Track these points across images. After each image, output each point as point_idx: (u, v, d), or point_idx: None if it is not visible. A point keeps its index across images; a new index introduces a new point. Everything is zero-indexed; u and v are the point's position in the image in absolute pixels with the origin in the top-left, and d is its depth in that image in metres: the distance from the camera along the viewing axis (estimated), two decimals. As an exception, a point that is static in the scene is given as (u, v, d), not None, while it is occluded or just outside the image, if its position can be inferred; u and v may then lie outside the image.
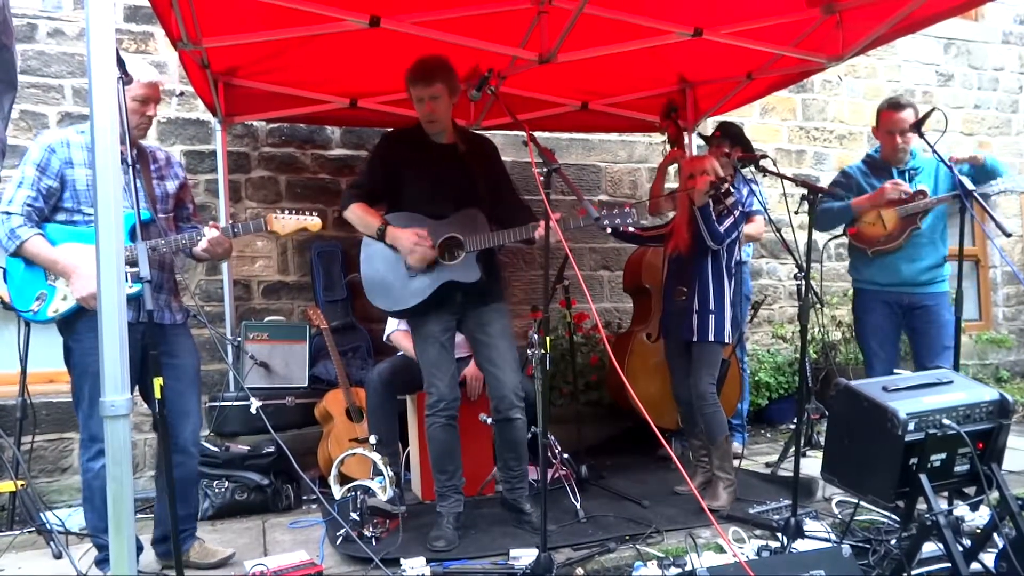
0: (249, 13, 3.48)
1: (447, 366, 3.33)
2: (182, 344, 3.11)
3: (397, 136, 3.53)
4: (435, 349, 3.31)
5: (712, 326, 3.65)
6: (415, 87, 3.29)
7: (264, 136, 5.15)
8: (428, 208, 3.31)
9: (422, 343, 3.35)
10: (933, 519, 2.36)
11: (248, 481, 3.96)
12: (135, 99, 2.90)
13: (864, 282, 4.15)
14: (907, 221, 3.94)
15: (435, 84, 3.26)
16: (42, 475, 4.50)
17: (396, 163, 3.37)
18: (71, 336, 2.90)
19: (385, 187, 3.38)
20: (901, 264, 3.98)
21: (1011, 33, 7.26)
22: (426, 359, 3.33)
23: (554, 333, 5.01)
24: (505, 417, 3.37)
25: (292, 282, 5.19)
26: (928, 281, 3.98)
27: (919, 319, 4.00)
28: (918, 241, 3.96)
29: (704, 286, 3.69)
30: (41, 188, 2.86)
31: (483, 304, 3.37)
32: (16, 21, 4.56)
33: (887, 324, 4.08)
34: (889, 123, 3.99)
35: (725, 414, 3.84)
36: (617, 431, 5.11)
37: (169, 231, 3.06)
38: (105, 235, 1.95)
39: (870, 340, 4.14)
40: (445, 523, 3.26)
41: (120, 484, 1.92)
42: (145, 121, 3.00)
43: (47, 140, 2.93)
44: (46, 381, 4.64)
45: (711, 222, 3.60)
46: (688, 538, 3.01)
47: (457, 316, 3.37)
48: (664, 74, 4.77)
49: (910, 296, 4.00)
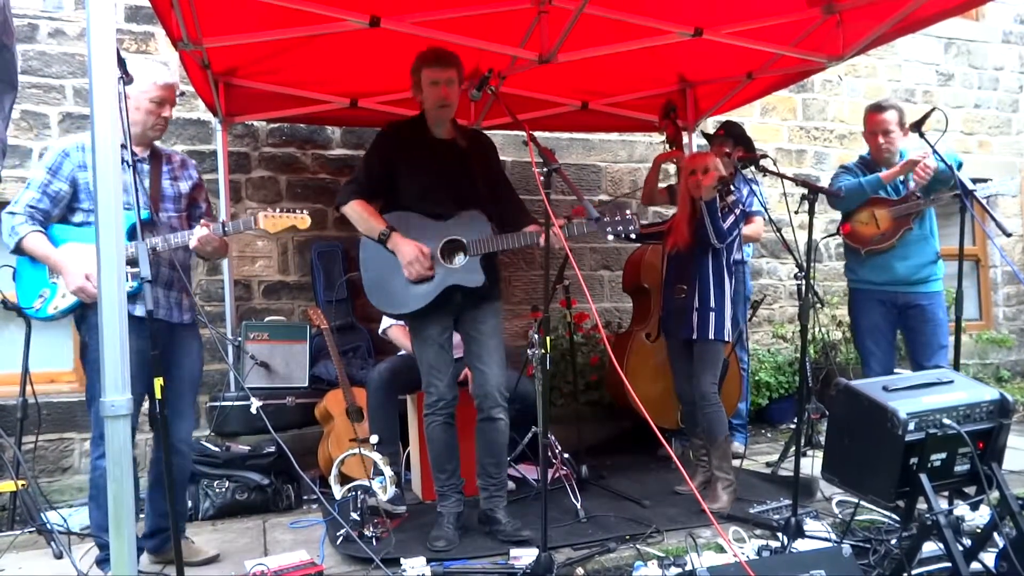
0: (249, 13, 3.48)
1: (446, 366, 3.32)
2: (188, 345, 3.13)
3: (396, 130, 3.43)
4: (433, 350, 3.29)
5: (712, 324, 3.64)
6: (431, 68, 3.23)
7: (264, 136, 5.15)
8: (426, 207, 3.26)
9: (421, 344, 3.33)
10: (933, 519, 2.35)
11: (249, 481, 3.96)
12: (152, 100, 2.95)
13: (859, 282, 4.17)
14: (901, 221, 3.98)
15: (451, 69, 3.24)
16: (43, 475, 4.50)
17: (393, 159, 3.31)
18: (87, 332, 2.92)
19: (382, 183, 3.33)
20: (894, 263, 4.01)
21: (1011, 33, 7.25)
22: (425, 360, 3.32)
23: (554, 333, 5.01)
24: (487, 416, 3.31)
25: (292, 282, 5.19)
26: (922, 279, 4.00)
27: (914, 318, 4.02)
28: (909, 239, 3.98)
29: (704, 284, 3.68)
30: (49, 191, 2.92)
31: (479, 303, 3.34)
32: (17, 21, 4.56)
33: (883, 323, 4.09)
34: (872, 124, 4.07)
35: (726, 414, 3.84)
36: (617, 431, 5.11)
37: (182, 230, 3.09)
38: (105, 235, 1.95)
39: (866, 339, 4.16)
40: (445, 523, 3.25)
41: (120, 484, 1.93)
42: (161, 122, 3.03)
43: (64, 144, 2.98)
44: (47, 381, 4.65)
45: (717, 218, 3.57)
46: (688, 538, 3.01)
47: (454, 316, 3.35)
48: (664, 74, 4.78)
49: (904, 295, 4.02)
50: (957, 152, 4.77)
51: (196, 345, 3.17)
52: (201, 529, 3.67)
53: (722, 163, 3.75)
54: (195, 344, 3.16)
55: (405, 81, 4.44)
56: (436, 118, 3.32)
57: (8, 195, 4.58)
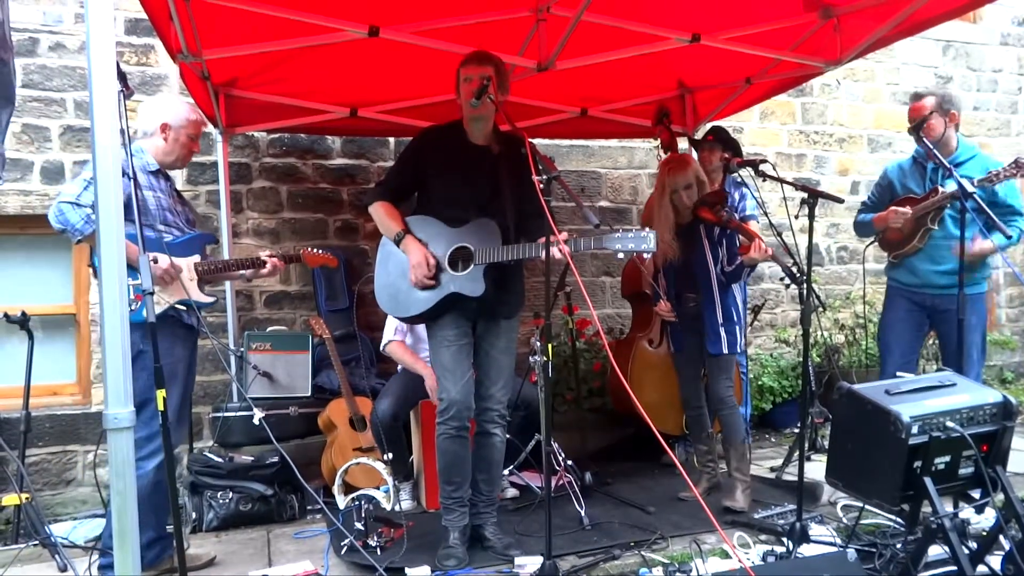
0: (249, 24, 3.49)
1: (461, 371, 3.19)
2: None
3: (435, 134, 3.39)
4: (449, 352, 3.20)
5: (732, 338, 3.73)
6: (466, 66, 3.20)
7: (265, 147, 5.16)
8: (450, 212, 3.23)
9: (436, 346, 3.25)
10: (938, 522, 2.35)
11: (252, 491, 3.95)
12: (189, 136, 3.26)
13: (892, 280, 4.14)
14: (919, 221, 3.86)
15: (487, 65, 3.17)
16: (46, 488, 4.50)
17: (425, 162, 3.29)
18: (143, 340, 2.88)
19: (413, 185, 3.35)
20: (920, 265, 3.93)
21: (1009, 35, 7.26)
22: (439, 361, 3.24)
23: (556, 340, 5.01)
24: (484, 431, 3.29)
25: (294, 292, 5.20)
26: (950, 284, 3.80)
27: (944, 321, 3.92)
28: (937, 243, 3.88)
29: (725, 299, 3.75)
30: None
31: (496, 317, 3.29)
32: (18, 35, 4.61)
33: (906, 318, 4.03)
34: (910, 115, 3.93)
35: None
36: (621, 437, 5.09)
37: None
38: (107, 245, 1.95)
39: (887, 334, 4.12)
40: (452, 539, 3.18)
41: (123, 497, 1.93)
42: (190, 155, 3.34)
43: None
44: (50, 394, 4.65)
45: (725, 253, 3.72)
46: (693, 544, 3.01)
47: (471, 321, 3.28)
48: (663, 80, 4.78)
49: (933, 298, 3.93)
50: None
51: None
52: (205, 540, 3.67)
53: (711, 168, 3.79)
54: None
55: (405, 90, 4.49)
56: (471, 118, 3.25)
57: (9, 208, 4.62)
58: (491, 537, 3.27)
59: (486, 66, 3.17)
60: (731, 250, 3.74)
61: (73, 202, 2.91)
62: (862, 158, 6.68)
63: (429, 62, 3.90)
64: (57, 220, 2.92)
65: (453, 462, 3.22)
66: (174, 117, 3.22)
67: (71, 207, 2.90)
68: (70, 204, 2.91)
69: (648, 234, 2.85)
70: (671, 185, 3.78)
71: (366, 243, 5.29)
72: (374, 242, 5.14)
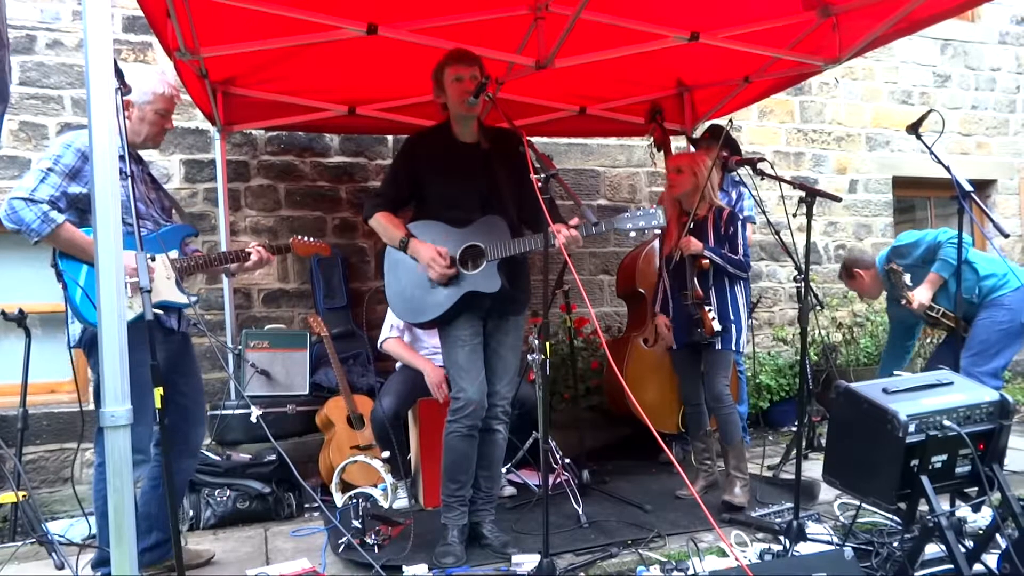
0: (247, 22, 3.49)
1: (476, 370, 3.18)
2: (191, 352, 3.21)
3: (420, 139, 3.39)
4: (464, 352, 3.18)
5: (729, 335, 3.74)
6: (453, 66, 3.17)
7: (263, 144, 5.16)
8: (452, 214, 3.21)
9: (450, 346, 3.23)
10: (935, 521, 2.35)
11: (250, 489, 3.95)
12: (157, 112, 2.94)
13: None
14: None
15: (475, 66, 3.18)
16: (43, 486, 4.50)
17: (419, 169, 3.27)
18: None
19: (409, 193, 3.31)
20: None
21: (1008, 33, 7.27)
22: (454, 361, 3.21)
23: (554, 338, 5.01)
24: (486, 427, 3.26)
25: (292, 290, 5.19)
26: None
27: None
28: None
29: (724, 297, 3.77)
30: (69, 192, 2.72)
31: (506, 314, 3.28)
32: (15, 33, 4.61)
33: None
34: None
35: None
36: (618, 436, 5.10)
37: None
38: (104, 244, 1.94)
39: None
40: (451, 537, 3.18)
41: (121, 495, 1.92)
42: (162, 133, 3.03)
43: (79, 145, 2.76)
44: (47, 391, 4.65)
45: (727, 256, 3.72)
46: (690, 542, 3.01)
47: (483, 318, 3.27)
48: (661, 78, 4.78)
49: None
50: (956, 152, 4.73)
51: (193, 350, 3.27)
52: (202, 538, 3.67)
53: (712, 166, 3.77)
54: (193, 349, 3.26)
55: (403, 88, 4.49)
56: (461, 117, 3.24)
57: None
58: (489, 535, 3.27)
59: (473, 65, 3.18)
60: (733, 246, 3.75)
61: (26, 198, 2.62)
62: (860, 157, 6.68)
63: (427, 60, 3.85)
64: (8, 220, 2.63)
65: (460, 461, 3.21)
66: (137, 93, 2.86)
67: (24, 204, 2.62)
68: (23, 201, 2.62)
69: (656, 210, 2.91)
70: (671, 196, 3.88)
71: (364, 241, 5.29)
72: (372, 240, 5.16)
